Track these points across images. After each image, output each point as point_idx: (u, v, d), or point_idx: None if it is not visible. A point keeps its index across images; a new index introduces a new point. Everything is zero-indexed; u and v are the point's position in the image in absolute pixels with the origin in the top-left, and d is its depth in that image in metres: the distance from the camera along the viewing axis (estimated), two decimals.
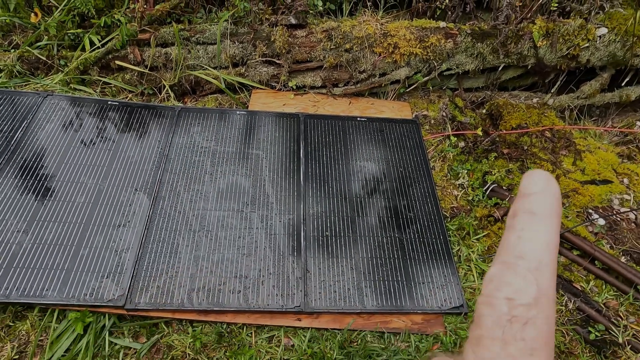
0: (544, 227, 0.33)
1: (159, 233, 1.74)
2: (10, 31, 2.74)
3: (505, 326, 0.31)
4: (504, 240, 0.35)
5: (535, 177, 0.35)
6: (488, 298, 0.33)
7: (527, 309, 0.30)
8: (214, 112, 2.23)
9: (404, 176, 2.08)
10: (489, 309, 0.32)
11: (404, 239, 1.86)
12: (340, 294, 1.67)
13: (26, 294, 1.50)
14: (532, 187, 0.35)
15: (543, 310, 0.31)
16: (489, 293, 0.33)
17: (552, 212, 0.33)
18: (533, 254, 0.32)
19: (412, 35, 2.24)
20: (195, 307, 1.57)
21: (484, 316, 0.33)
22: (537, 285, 0.31)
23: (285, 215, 1.86)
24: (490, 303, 0.32)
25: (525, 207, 0.34)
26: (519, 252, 0.33)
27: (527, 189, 0.35)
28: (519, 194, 0.36)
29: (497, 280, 0.33)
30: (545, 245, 0.32)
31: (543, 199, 0.34)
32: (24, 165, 1.85)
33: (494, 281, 0.33)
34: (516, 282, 0.31)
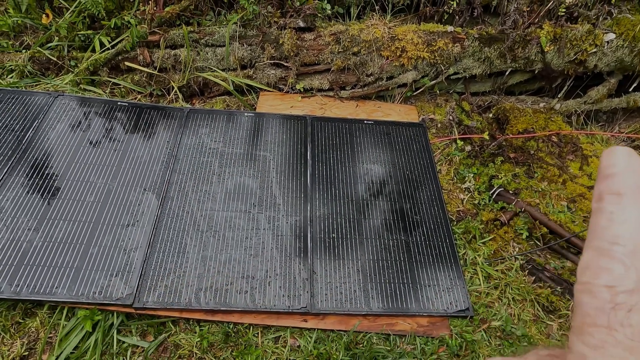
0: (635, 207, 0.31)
1: (167, 233, 1.75)
2: (22, 32, 2.78)
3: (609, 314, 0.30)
4: (593, 225, 0.33)
5: (617, 155, 0.33)
6: (587, 286, 0.32)
7: (629, 295, 0.30)
8: (222, 114, 2.24)
9: (410, 179, 2.09)
10: (589, 297, 0.32)
11: (410, 241, 1.86)
12: (346, 295, 1.68)
13: (36, 291, 1.52)
14: (615, 167, 0.33)
15: None
16: (587, 281, 0.32)
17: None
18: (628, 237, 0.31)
19: (419, 39, 2.25)
20: (203, 307, 1.58)
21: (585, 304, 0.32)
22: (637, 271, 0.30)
23: (292, 216, 1.87)
24: (590, 291, 0.31)
25: (611, 188, 0.32)
26: (611, 236, 0.31)
27: (608, 169, 0.33)
28: (600, 175, 0.34)
29: (594, 268, 0.32)
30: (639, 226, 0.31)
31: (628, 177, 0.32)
32: (34, 164, 1.87)
33: (590, 268, 0.32)
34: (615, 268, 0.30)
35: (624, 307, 0.29)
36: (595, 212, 0.33)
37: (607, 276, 0.30)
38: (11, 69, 2.57)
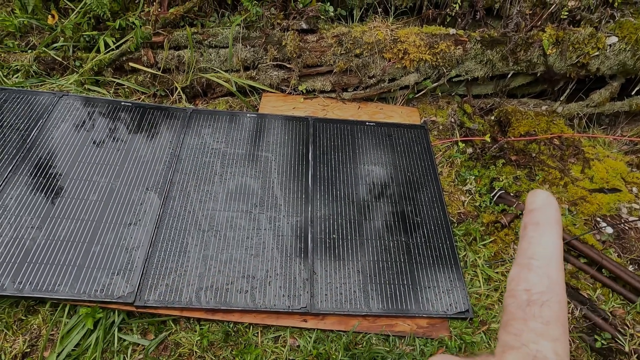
0: (549, 232, 0.41)
1: (168, 232, 1.77)
2: (28, 32, 2.81)
3: (525, 308, 0.38)
4: (518, 247, 0.44)
5: (537, 196, 0.44)
6: (511, 292, 0.40)
7: (541, 295, 0.37)
8: (225, 115, 2.26)
9: (411, 181, 2.09)
10: (511, 299, 0.40)
11: (411, 243, 1.87)
12: (346, 296, 1.68)
13: (39, 289, 1.53)
14: (535, 203, 0.43)
15: (555, 295, 0.38)
16: (511, 288, 0.41)
17: (553, 220, 0.41)
18: (542, 254, 0.40)
19: (421, 41, 2.26)
20: (203, 306, 1.59)
21: (508, 305, 0.40)
22: (548, 277, 0.38)
23: (293, 217, 1.88)
24: (513, 295, 0.40)
25: (531, 219, 0.42)
26: (530, 254, 0.40)
27: (531, 205, 0.44)
28: (525, 210, 0.45)
29: (517, 278, 0.40)
30: (551, 246, 0.40)
31: (544, 211, 0.42)
32: (38, 163, 1.89)
33: (514, 279, 0.41)
34: (531, 276, 0.39)
35: (537, 302, 0.37)
36: (521, 238, 0.43)
37: (525, 283, 0.39)
38: (17, 68, 2.60)
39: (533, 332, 0.36)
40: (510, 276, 0.42)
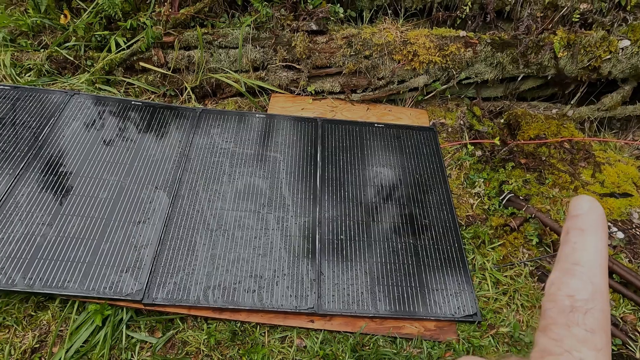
0: (594, 239, 0.40)
1: (177, 231, 1.77)
2: (41, 32, 2.84)
3: (568, 314, 0.37)
4: (560, 252, 0.43)
5: (582, 201, 0.43)
6: (551, 296, 0.39)
7: (585, 302, 0.37)
8: (234, 115, 2.27)
9: (420, 183, 2.09)
10: (552, 304, 0.39)
11: (419, 245, 1.86)
12: (353, 297, 1.68)
13: (49, 285, 1.55)
14: (580, 209, 0.43)
15: (599, 304, 0.37)
16: (552, 292, 0.40)
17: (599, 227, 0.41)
18: (587, 260, 0.39)
19: (431, 43, 2.25)
20: (211, 305, 1.59)
21: (548, 309, 0.39)
22: (592, 284, 0.38)
23: (301, 217, 1.88)
24: (554, 299, 0.39)
25: (576, 225, 0.42)
26: (574, 259, 0.39)
27: (575, 210, 0.43)
28: (569, 216, 0.44)
29: (558, 282, 0.40)
30: (596, 252, 0.39)
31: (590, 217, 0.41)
32: (50, 160, 1.91)
33: (555, 283, 0.40)
34: (574, 282, 0.38)
35: (581, 310, 0.36)
36: (563, 243, 0.42)
37: (568, 288, 0.38)
38: (29, 67, 2.63)
39: (576, 339, 0.36)
40: (550, 280, 0.41)
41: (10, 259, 1.58)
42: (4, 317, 1.55)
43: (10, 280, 1.53)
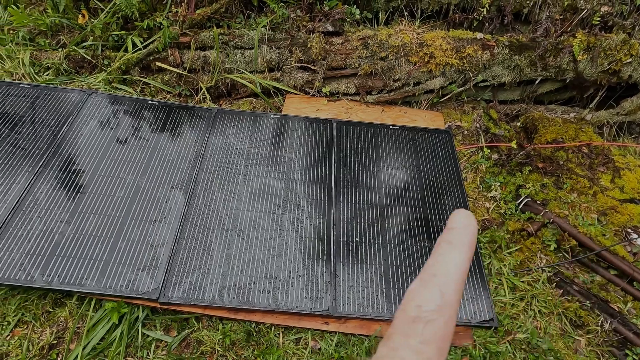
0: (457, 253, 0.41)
1: (193, 230, 1.78)
2: (59, 31, 2.87)
3: (409, 325, 0.37)
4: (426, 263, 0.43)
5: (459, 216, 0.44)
6: (403, 305, 0.40)
7: (430, 313, 0.37)
8: (249, 115, 2.27)
9: (435, 186, 2.07)
10: (402, 313, 0.39)
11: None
12: (368, 300, 1.67)
13: (67, 282, 1.56)
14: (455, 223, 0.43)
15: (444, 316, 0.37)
16: (405, 302, 0.40)
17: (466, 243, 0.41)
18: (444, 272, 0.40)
19: (448, 45, 2.24)
20: (226, 305, 1.59)
21: (397, 318, 0.39)
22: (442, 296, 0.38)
23: (316, 219, 1.88)
24: (404, 309, 0.39)
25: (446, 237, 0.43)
26: (433, 271, 0.40)
27: (451, 223, 0.44)
28: (446, 228, 0.45)
29: (413, 292, 0.40)
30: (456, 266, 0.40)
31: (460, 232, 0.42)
32: (68, 158, 1.93)
33: (411, 293, 0.40)
34: (426, 293, 0.38)
35: (423, 321, 0.37)
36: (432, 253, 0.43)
37: (419, 298, 0.38)
38: (47, 66, 2.66)
39: (410, 350, 0.36)
40: (408, 289, 0.42)
41: (29, 255, 1.60)
42: (22, 313, 1.57)
43: (29, 277, 1.55)
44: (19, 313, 1.57)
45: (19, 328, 1.54)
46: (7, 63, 2.64)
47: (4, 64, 2.64)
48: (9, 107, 2.09)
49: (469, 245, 0.41)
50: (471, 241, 0.41)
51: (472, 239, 0.41)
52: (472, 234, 0.42)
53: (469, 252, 0.41)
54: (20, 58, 2.66)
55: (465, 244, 0.41)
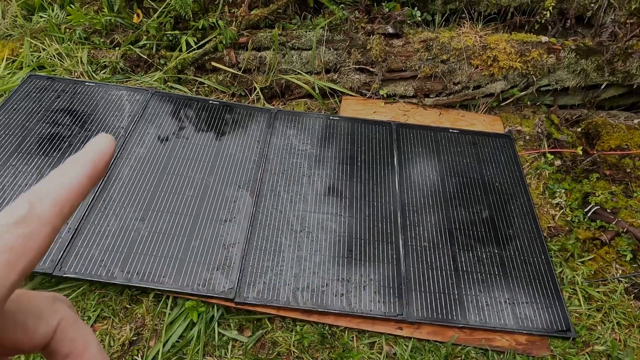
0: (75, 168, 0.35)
1: (262, 231, 1.78)
2: (113, 30, 2.91)
3: None
4: None
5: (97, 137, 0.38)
6: None
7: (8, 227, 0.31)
8: (309, 116, 2.27)
9: (500, 191, 2.04)
10: None
11: (504, 255, 1.81)
12: (441, 306, 1.65)
13: (145, 279, 1.58)
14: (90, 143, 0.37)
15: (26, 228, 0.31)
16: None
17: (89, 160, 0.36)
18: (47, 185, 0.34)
19: (512, 48, 2.20)
20: (301, 306, 1.59)
21: None
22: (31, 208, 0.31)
23: (382, 222, 1.86)
24: None
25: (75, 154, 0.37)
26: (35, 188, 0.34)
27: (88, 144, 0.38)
28: None
29: None
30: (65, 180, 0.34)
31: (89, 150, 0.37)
32: (137, 157, 1.95)
33: None
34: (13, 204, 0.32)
35: None
36: None
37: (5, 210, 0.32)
38: (104, 65, 2.70)
39: None
40: None
41: (108, 252, 1.62)
42: (102, 308, 1.59)
43: (110, 273, 1.57)
44: (98, 308, 1.59)
45: (98, 323, 1.57)
46: (66, 61, 2.69)
47: (63, 62, 2.69)
48: (78, 105, 2.12)
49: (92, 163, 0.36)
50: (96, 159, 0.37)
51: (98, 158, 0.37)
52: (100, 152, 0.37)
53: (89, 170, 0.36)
54: (78, 56, 2.71)
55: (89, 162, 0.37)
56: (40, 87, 2.19)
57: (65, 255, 1.59)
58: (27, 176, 1.80)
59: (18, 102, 2.09)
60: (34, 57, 2.71)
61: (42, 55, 2.70)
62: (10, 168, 1.81)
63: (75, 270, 1.56)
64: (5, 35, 2.79)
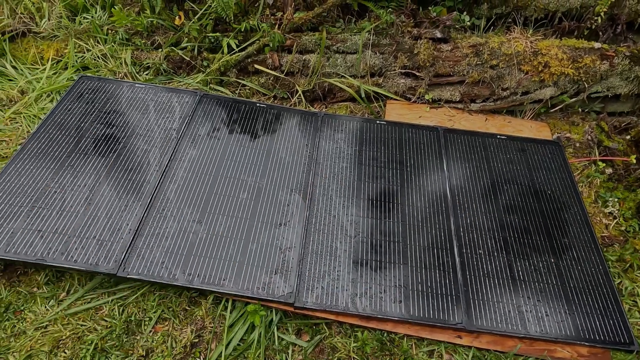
0: None
1: (317, 235, 1.78)
2: (154, 32, 2.93)
3: None
4: None
5: None
6: None
7: None
8: (355, 120, 2.27)
9: (552, 199, 2.01)
10: None
11: (561, 265, 1.79)
12: (500, 314, 1.63)
13: (206, 282, 1.59)
14: None
15: None
16: None
17: None
18: None
19: (564, 54, 2.17)
20: (360, 312, 1.58)
21: None
22: None
23: (435, 228, 1.85)
24: None
25: None
26: None
27: None
28: None
29: None
30: None
31: None
32: (190, 158, 1.96)
33: None
34: None
35: None
36: None
37: None
38: (147, 66, 2.73)
39: None
40: None
41: (168, 253, 1.64)
42: (162, 309, 1.60)
43: (171, 275, 1.58)
44: (158, 310, 1.60)
45: (160, 324, 1.58)
46: (110, 62, 2.72)
47: (107, 63, 2.72)
48: (130, 107, 2.14)
49: None
50: None
51: None
52: None
53: None
54: (122, 57, 2.74)
55: None
56: (92, 89, 2.22)
57: (128, 256, 1.61)
58: (85, 176, 1.82)
59: (72, 102, 2.12)
60: (78, 57, 2.75)
61: (86, 56, 2.73)
62: (69, 168, 1.84)
63: (138, 271, 1.58)
64: (50, 36, 2.83)
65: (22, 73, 2.69)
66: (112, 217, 1.70)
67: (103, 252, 1.60)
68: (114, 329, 1.55)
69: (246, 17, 2.77)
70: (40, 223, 1.65)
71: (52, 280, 1.68)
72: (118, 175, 1.85)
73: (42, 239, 1.61)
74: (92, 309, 1.61)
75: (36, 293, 1.64)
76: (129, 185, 1.81)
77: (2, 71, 2.70)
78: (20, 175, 1.79)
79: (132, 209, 1.73)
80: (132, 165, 1.89)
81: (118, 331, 1.54)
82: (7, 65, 2.72)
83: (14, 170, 1.80)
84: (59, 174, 1.82)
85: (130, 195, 1.78)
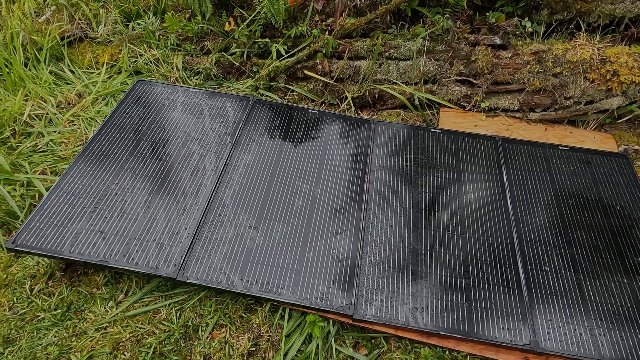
0: None
1: (373, 246, 1.73)
2: (203, 37, 2.98)
3: None
4: None
5: None
6: None
7: None
8: (409, 128, 2.21)
9: (622, 215, 1.89)
10: None
11: (635, 286, 1.67)
12: (571, 337, 1.53)
13: (264, 289, 1.56)
14: None
15: None
16: None
17: None
18: None
19: (635, 62, 2.05)
20: (421, 328, 1.52)
21: None
22: None
23: (498, 242, 1.77)
24: None
25: None
26: None
27: None
28: None
29: None
30: None
31: None
32: (245, 164, 1.96)
33: None
34: None
35: None
36: None
37: None
38: (198, 71, 2.76)
39: None
40: None
41: (226, 259, 1.62)
42: (219, 316, 1.59)
43: (229, 281, 1.57)
44: (215, 316, 1.59)
45: (217, 331, 1.56)
46: (162, 66, 2.77)
47: (159, 68, 2.78)
48: (184, 111, 2.17)
49: None
50: None
51: None
52: None
53: None
54: (174, 62, 2.79)
55: None
56: (148, 93, 2.26)
57: (187, 260, 1.61)
58: (144, 179, 1.84)
59: (130, 106, 2.16)
60: (131, 62, 2.82)
61: (139, 61, 2.79)
62: (129, 171, 1.86)
63: (196, 276, 1.57)
64: (106, 41, 2.91)
65: (79, 77, 2.78)
66: (170, 221, 1.71)
67: (163, 256, 1.60)
68: (172, 333, 1.54)
69: (295, 23, 2.78)
70: (103, 224, 1.67)
71: (110, 282, 1.70)
72: (175, 178, 1.86)
73: (105, 240, 1.63)
74: (150, 312, 1.61)
75: (96, 294, 1.66)
76: (186, 189, 1.82)
77: (61, 75, 2.80)
78: (82, 176, 1.82)
79: (190, 213, 1.74)
80: (188, 169, 1.90)
81: (176, 335, 1.53)
82: (65, 69, 2.81)
83: (77, 171, 1.84)
84: (119, 176, 1.85)
85: (187, 199, 1.79)
